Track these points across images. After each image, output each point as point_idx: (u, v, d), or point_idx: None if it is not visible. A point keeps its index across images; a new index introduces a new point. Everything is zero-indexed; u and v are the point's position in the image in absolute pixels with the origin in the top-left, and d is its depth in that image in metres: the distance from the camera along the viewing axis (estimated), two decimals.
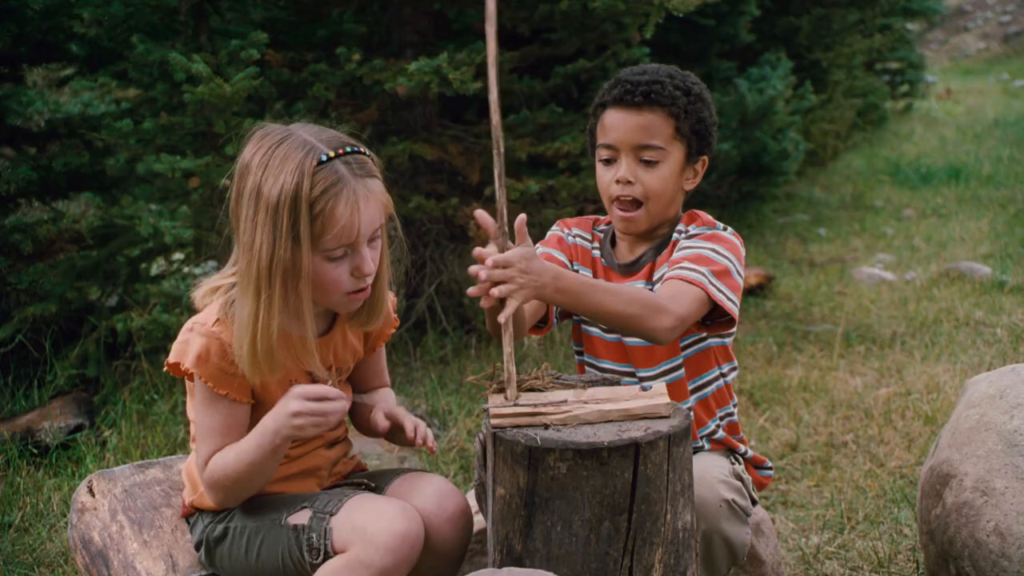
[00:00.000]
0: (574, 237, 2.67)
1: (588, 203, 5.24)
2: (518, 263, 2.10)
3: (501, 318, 2.11)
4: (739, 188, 7.82)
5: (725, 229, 2.50)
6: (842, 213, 9.09)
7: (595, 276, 2.62)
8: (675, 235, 2.53)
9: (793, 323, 5.83)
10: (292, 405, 2.18)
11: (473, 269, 2.11)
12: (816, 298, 6.38)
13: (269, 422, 2.22)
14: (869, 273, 6.86)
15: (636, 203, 2.50)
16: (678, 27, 7.01)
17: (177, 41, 4.65)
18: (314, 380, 2.38)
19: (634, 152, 2.48)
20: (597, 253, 2.65)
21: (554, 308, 2.64)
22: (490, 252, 2.11)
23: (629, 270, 2.58)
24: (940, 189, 9.97)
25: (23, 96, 6.21)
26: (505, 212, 2.12)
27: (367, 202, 2.21)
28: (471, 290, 2.13)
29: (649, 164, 2.47)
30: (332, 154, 2.19)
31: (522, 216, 2.14)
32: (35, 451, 4.05)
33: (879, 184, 10.34)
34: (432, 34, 5.30)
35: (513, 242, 2.15)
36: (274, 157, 2.18)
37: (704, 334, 2.52)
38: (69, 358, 4.49)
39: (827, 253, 7.71)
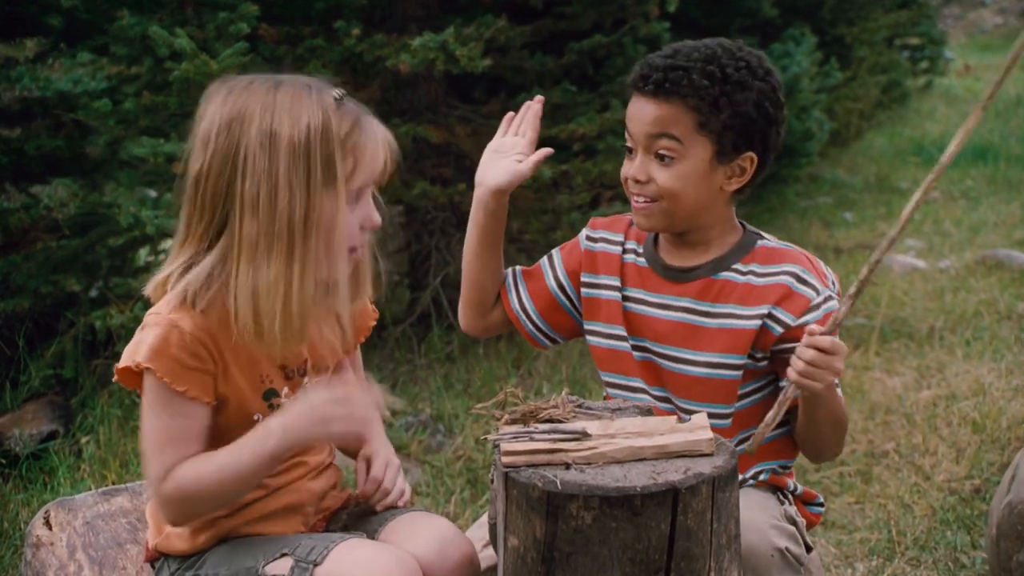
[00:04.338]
0: (597, 242, 2.32)
1: (605, 189, 4.93)
2: (842, 353, 1.96)
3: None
4: None
5: (830, 298, 2.17)
6: (867, 196, 8.72)
7: (624, 284, 2.27)
8: (741, 273, 2.18)
9: None
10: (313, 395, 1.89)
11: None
12: (845, 288, 6.00)
13: (274, 421, 1.90)
14: (900, 261, 6.49)
15: (655, 199, 2.15)
16: (698, 1, 6.68)
17: (163, 14, 4.33)
18: (287, 376, 2.06)
19: (648, 146, 2.12)
20: (631, 258, 2.27)
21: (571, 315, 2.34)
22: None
23: (679, 277, 2.21)
24: (967, 170, 9.58)
25: (11, 72, 5.87)
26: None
27: (385, 142, 1.96)
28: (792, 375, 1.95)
29: (663, 159, 2.11)
30: (338, 94, 1.92)
31: None
32: (3, 461, 3.74)
33: (904, 165, 9.97)
34: (437, 7, 4.97)
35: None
36: (279, 99, 1.87)
37: (765, 382, 2.21)
38: (45, 357, 4.17)
39: (853, 239, 7.33)
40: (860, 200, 8.57)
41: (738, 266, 2.18)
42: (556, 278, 2.34)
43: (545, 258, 2.38)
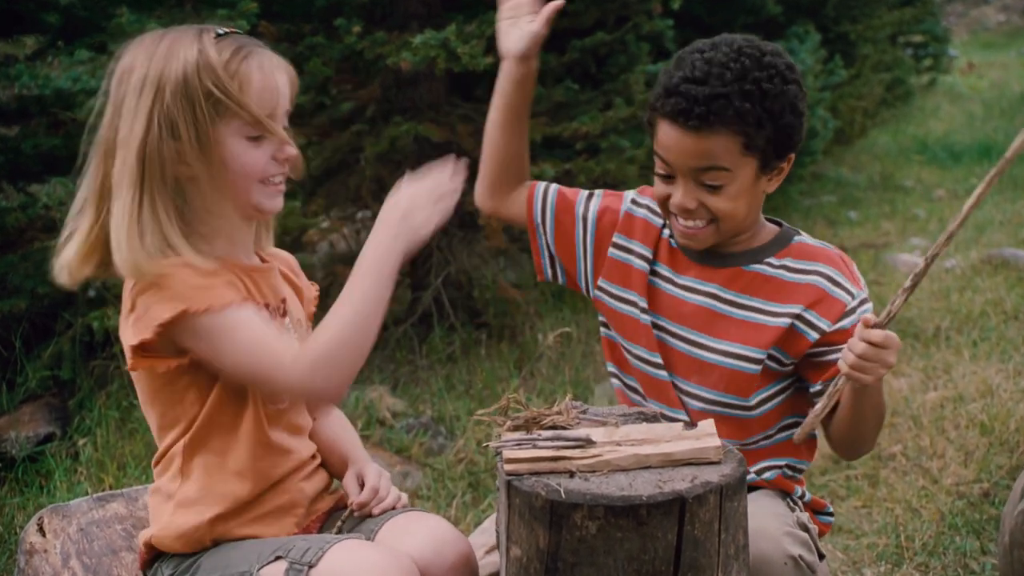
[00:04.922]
0: (640, 207, 2.28)
1: (608, 188, 4.86)
2: (895, 347, 1.89)
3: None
4: None
5: (865, 301, 2.11)
6: (871, 194, 8.67)
7: (656, 258, 2.23)
8: (773, 267, 2.15)
9: None
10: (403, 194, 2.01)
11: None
12: None
13: (371, 248, 1.90)
14: (905, 260, 6.44)
15: (708, 221, 2.11)
16: None
17: (162, 11, 4.28)
18: (270, 314, 2.01)
19: (693, 175, 2.07)
20: (668, 233, 2.24)
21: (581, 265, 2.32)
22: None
23: (711, 261, 2.18)
24: (972, 168, 9.52)
25: (10, 70, 5.82)
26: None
27: (280, 68, 1.93)
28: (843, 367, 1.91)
29: (713, 188, 2.06)
30: (225, 31, 1.91)
31: None
32: None
33: (908, 163, 9.92)
34: (439, 5, 4.92)
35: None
36: (161, 45, 1.88)
37: (787, 383, 2.17)
38: (42, 358, 4.11)
39: (858, 237, 7.29)
40: (864, 198, 8.52)
41: (771, 260, 2.16)
42: (585, 214, 2.31)
43: (585, 193, 2.35)
